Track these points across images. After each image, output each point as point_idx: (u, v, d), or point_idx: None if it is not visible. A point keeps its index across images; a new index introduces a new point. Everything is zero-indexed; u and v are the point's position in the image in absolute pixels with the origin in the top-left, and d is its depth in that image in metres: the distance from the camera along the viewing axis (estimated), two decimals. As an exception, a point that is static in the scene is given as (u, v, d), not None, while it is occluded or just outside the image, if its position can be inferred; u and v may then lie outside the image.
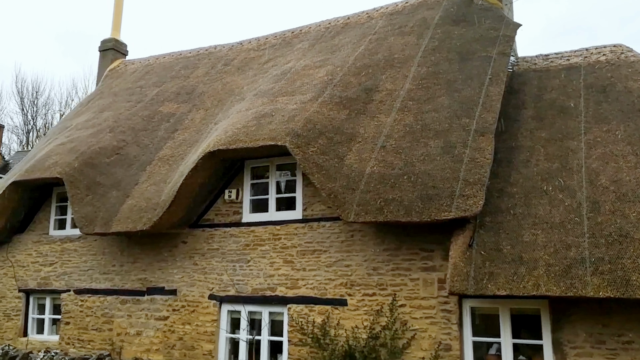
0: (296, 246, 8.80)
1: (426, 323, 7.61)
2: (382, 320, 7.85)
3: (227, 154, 9.12)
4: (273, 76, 11.01)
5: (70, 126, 12.71)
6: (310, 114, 8.85)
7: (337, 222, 8.55)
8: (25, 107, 38.53)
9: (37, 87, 39.40)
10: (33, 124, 38.73)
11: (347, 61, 10.34)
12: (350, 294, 8.19)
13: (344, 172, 8.07)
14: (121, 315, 10.13)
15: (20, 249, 11.71)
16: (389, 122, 8.67)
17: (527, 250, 6.79)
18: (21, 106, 38.47)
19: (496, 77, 8.83)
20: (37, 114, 38.77)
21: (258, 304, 8.96)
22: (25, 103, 38.53)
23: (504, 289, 6.56)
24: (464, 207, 7.10)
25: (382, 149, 8.22)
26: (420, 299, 7.72)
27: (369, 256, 8.19)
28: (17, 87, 41.42)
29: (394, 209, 7.41)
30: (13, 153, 36.74)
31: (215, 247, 9.50)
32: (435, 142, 8.04)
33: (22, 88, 38.77)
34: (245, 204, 9.50)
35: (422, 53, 9.90)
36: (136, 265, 10.19)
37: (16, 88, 41.59)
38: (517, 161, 8.10)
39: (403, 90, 9.19)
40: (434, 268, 7.73)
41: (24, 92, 38.53)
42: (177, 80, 13.10)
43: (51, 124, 38.92)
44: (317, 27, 12.75)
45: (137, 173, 10.44)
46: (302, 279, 8.62)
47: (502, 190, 7.72)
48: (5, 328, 11.43)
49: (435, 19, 10.71)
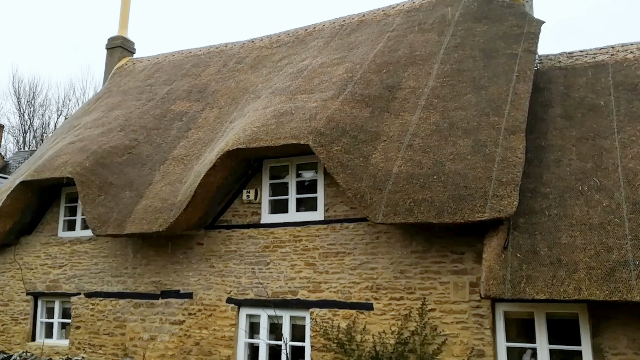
0: (318, 248, 8.54)
1: (457, 328, 7.35)
2: (410, 325, 7.59)
3: (246, 153, 8.86)
4: (289, 74, 10.75)
5: (79, 125, 12.41)
6: (332, 112, 8.59)
7: (361, 223, 8.29)
8: (22, 107, 38.17)
9: (34, 88, 39.09)
10: (30, 124, 38.36)
11: (366, 58, 10.09)
12: (377, 297, 7.93)
13: (370, 171, 7.81)
14: (134, 320, 9.83)
15: (28, 250, 11.39)
16: (414, 120, 8.42)
17: (565, 253, 6.54)
18: (18, 106, 38.12)
19: (523, 74, 8.61)
20: (34, 114, 38.40)
21: (278, 307, 8.68)
22: (22, 103, 38.18)
23: (543, 292, 6.31)
24: (498, 208, 6.86)
25: (408, 148, 7.97)
26: (451, 303, 7.46)
27: (396, 259, 7.93)
28: (14, 88, 41.02)
29: (424, 210, 7.16)
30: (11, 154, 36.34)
31: (233, 248, 9.22)
32: (464, 141, 7.79)
33: (19, 88, 38.42)
34: (264, 204, 9.23)
35: (444, 50, 9.66)
36: (149, 267, 9.90)
37: (13, 88, 41.24)
38: (548, 160, 7.86)
39: (427, 88, 8.95)
40: (464, 271, 7.48)
41: (21, 92, 38.16)
42: (188, 79, 12.82)
43: (48, 125, 38.56)
44: (331, 25, 12.50)
45: (151, 173, 10.15)
46: (325, 282, 8.35)
47: (534, 190, 7.48)
48: (13, 332, 11.10)
49: (456, 16, 10.49)
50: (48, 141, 13.22)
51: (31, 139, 38.60)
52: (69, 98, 49.07)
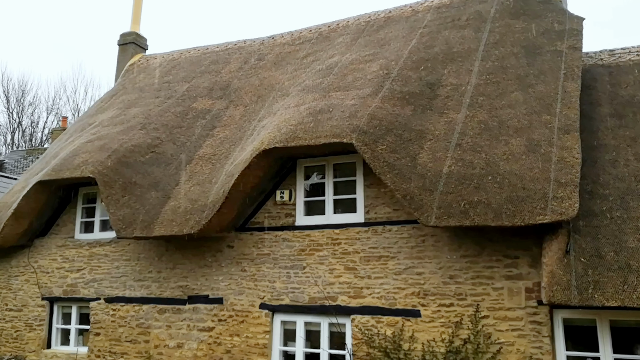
0: (359, 252, 8.16)
1: (513, 336, 7.01)
2: (462, 333, 7.24)
3: (281, 153, 8.47)
4: (318, 71, 10.38)
5: (94, 123, 11.94)
6: (374, 110, 8.23)
7: (405, 225, 7.94)
8: (11, 105, 37.40)
9: (23, 86, 38.33)
10: (19, 123, 37.58)
11: (400, 55, 9.74)
12: (424, 304, 7.56)
13: (419, 171, 7.46)
14: (159, 326, 9.39)
15: (43, 253, 10.90)
16: (460, 118, 8.08)
17: (635, 257, 6.23)
18: (7, 105, 37.35)
19: (571, 72, 8.31)
20: (23, 113, 37.64)
21: (316, 314, 8.30)
22: (11, 102, 37.41)
23: (614, 299, 5.99)
24: (559, 210, 6.53)
25: (457, 147, 7.63)
26: (505, 309, 7.12)
27: (444, 263, 7.58)
28: (3, 86, 40.29)
29: (481, 212, 6.82)
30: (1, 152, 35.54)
31: (266, 252, 8.82)
32: (517, 140, 7.47)
33: (8, 86, 37.68)
34: (298, 205, 8.85)
35: (483, 47, 9.34)
36: (176, 271, 9.47)
37: (1, 86, 40.45)
38: (602, 161, 7.56)
39: (470, 86, 8.62)
40: (519, 276, 7.14)
41: (10, 90, 37.42)
42: (208, 76, 12.40)
43: (37, 124, 37.76)
44: (356, 21, 12.14)
45: (177, 172, 9.73)
46: (367, 288, 7.98)
47: (592, 192, 7.17)
48: (27, 339, 10.60)
49: (491, 12, 10.17)
50: (61, 139, 12.72)
51: (20, 138, 37.84)
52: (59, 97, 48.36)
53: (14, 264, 11.12)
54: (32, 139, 37.91)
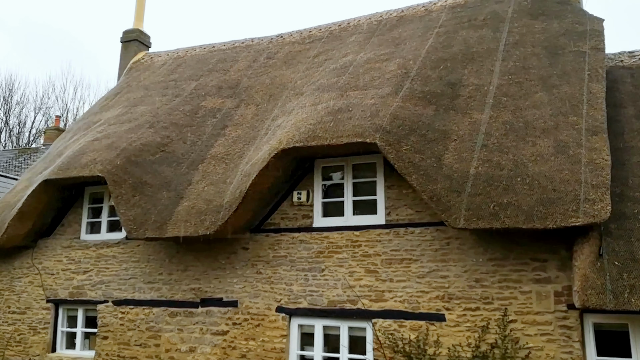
0: (380, 254, 7.98)
1: (542, 341, 6.86)
2: (489, 337, 7.08)
3: (300, 152, 8.27)
4: (332, 70, 10.19)
5: (99, 121, 11.66)
6: (395, 109, 8.07)
7: (428, 228, 7.77)
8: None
9: (11, 85, 37.64)
10: (5, 122, 36.91)
11: (418, 54, 9.59)
12: (449, 308, 7.40)
13: (445, 172, 7.30)
14: (170, 330, 9.14)
15: (48, 254, 10.60)
16: (485, 119, 7.93)
17: (671, 261, 6.11)
18: (-6, 104, 36.66)
19: (595, 73, 8.21)
20: (10, 112, 36.97)
21: (335, 317, 8.11)
22: (-3, 101, 36.69)
23: (653, 304, 5.86)
24: (592, 213, 6.40)
25: (483, 148, 7.48)
26: (533, 314, 6.97)
27: (470, 266, 7.42)
28: (-10, 85, 39.47)
29: (511, 214, 6.67)
30: (-4, 152, 34.84)
31: (283, 254, 8.61)
32: (544, 142, 7.33)
33: (-5, 85, 37.00)
34: (316, 206, 8.65)
35: (503, 47, 9.21)
36: (188, 273, 9.22)
37: (-12, 86, 39.67)
38: (630, 163, 7.45)
39: (492, 86, 8.48)
40: (548, 280, 7.00)
41: (-3, 89, 36.71)
42: (216, 74, 12.16)
43: (24, 123, 37.11)
44: (368, 20, 11.98)
45: (189, 172, 9.49)
46: (389, 291, 7.80)
47: (622, 194, 7.05)
48: (31, 343, 10.29)
49: (509, 13, 10.05)
50: (63, 138, 12.42)
51: (6, 137, 37.15)
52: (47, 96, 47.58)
53: (17, 265, 10.80)
54: (20, 139, 37.28)
